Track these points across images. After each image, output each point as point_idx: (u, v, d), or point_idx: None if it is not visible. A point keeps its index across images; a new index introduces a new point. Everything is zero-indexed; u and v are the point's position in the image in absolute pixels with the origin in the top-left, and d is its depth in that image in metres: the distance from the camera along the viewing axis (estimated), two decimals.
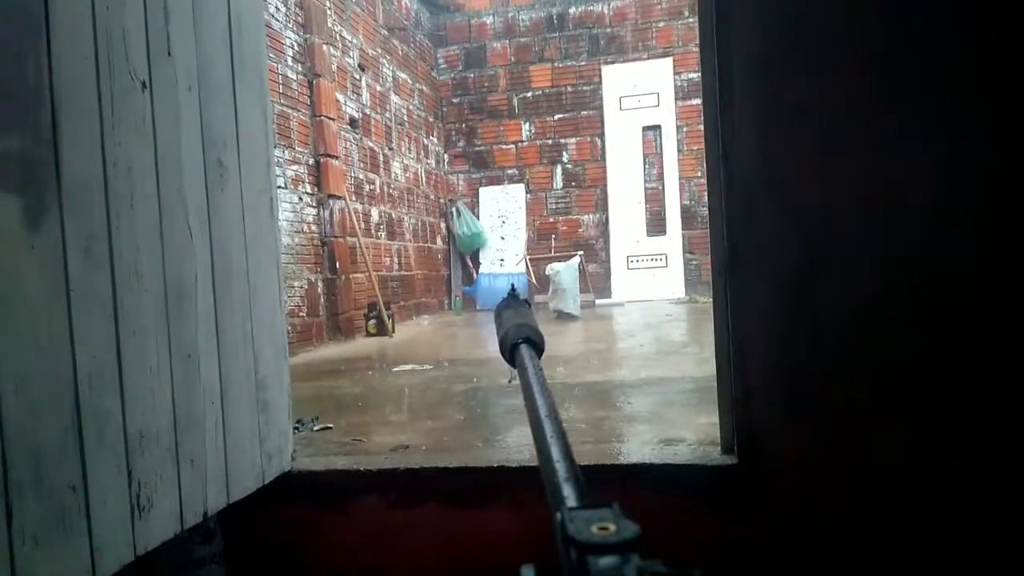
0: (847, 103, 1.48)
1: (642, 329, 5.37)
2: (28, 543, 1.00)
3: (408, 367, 3.92)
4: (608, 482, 1.59)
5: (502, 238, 8.65)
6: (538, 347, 0.85)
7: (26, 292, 1.03)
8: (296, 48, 5.14)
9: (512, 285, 1.06)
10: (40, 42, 1.08)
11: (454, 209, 8.55)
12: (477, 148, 8.79)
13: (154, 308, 1.29)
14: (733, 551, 1.53)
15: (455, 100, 8.78)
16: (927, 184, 1.43)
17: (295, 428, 2.05)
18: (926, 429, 1.42)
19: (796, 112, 1.51)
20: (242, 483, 1.54)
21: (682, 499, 1.59)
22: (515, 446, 1.95)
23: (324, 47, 5.44)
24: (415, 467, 1.71)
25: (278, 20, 4.90)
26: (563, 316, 6.27)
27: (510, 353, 0.85)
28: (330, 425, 2.38)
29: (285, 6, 5.04)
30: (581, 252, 8.14)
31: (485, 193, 8.77)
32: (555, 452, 0.55)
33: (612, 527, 0.39)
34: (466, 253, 8.60)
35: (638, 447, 1.79)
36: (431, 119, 8.36)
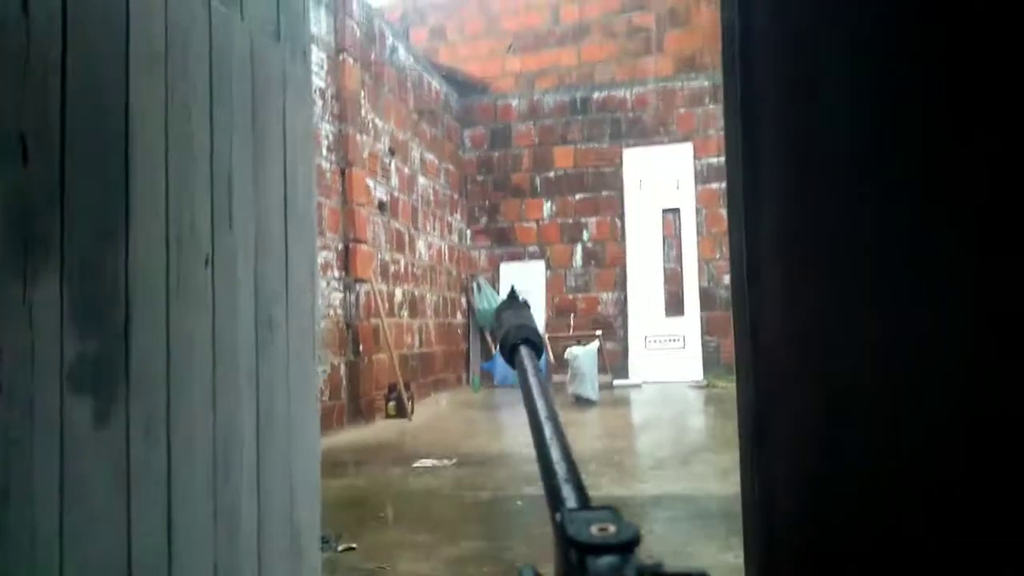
0: (858, 289, 1.53)
1: (661, 422, 5.36)
2: None
3: (428, 463, 3.93)
4: None
5: None
6: (537, 348, 0.88)
7: (91, 484, 1.08)
8: (331, 139, 5.31)
9: (512, 286, 1.08)
10: (120, 244, 1.15)
11: (475, 284, 8.65)
12: (499, 225, 8.94)
13: (203, 474, 1.34)
14: None
15: (479, 178, 8.98)
16: (935, 361, 1.47)
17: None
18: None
19: (812, 292, 1.56)
20: None
21: None
22: None
23: (357, 136, 5.61)
24: None
25: (315, 113, 5.09)
26: (581, 401, 6.27)
27: (509, 354, 0.88)
28: (353, 545, 2.40)
29: (322, 99, 5.23)
30: (600, 332, 8.17)
31: (506, 269, 8.88)
32: (555, 454, 0.54)
33: (612, 528, 0.39)
34: (486, 328, 8.66)
35: None
36: (455, 196, 8.53)
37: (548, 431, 0.59)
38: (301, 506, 1.68)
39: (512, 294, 1.03)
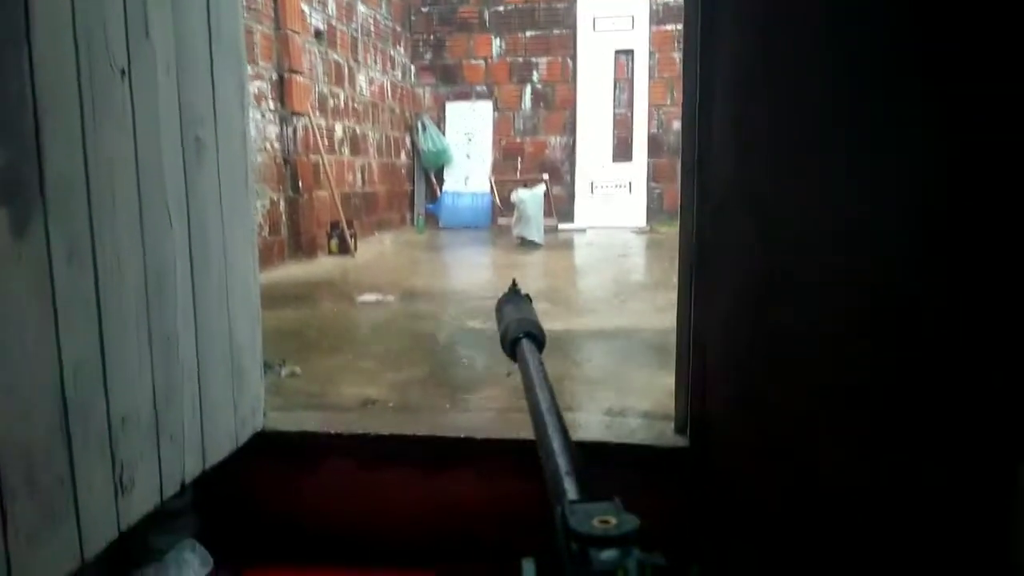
0: (812, 125, 1.53)
1: (603, 264, 5.48)
2: (22, 542, 1.06)
3: (372, 297, 3.96)
4: None
5: (468, 156, 8.56)
6: (539, 341, 0.87)
7: (13, 301, 1.05)
8: None
9: (514, 280, 1.09)
10: (21, 49, 1.05)
11: (420, 123, 8.41)
12: (445, 62, 8.57)
13: (135, 298, 1.32)
14: (680, 525, 1.66)
15: (424, 9, 8.48)
16: (882, 212, 1.50)
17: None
18: (861, 443, 1.54)
19: (769, 129, 1.56)
20: (217, 449, 1.61)
21: (634, 474, 1.70)
22: (479, 409, 2.04)
23: None
24: (384, 433, 1.79)
25: None
26: (526, 243, 6.33)
27: (511, 347, 0.87)
28: (297, 370, 2.45)
29: None
30: (546, 176, 8.13)
31: (452, 108, 8.61)
32: (556, 446, 0.56)
33: (613, 520, 0.40)
34: (430, 170, 8.52)
35: (595, 421, 1.89)
36: (398, 29, 8.08)
37: (550, 424, 0.61)
38: (240, 330, 1.69)
39: (513, 288, 1.00)
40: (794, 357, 1.59)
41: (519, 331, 0.87)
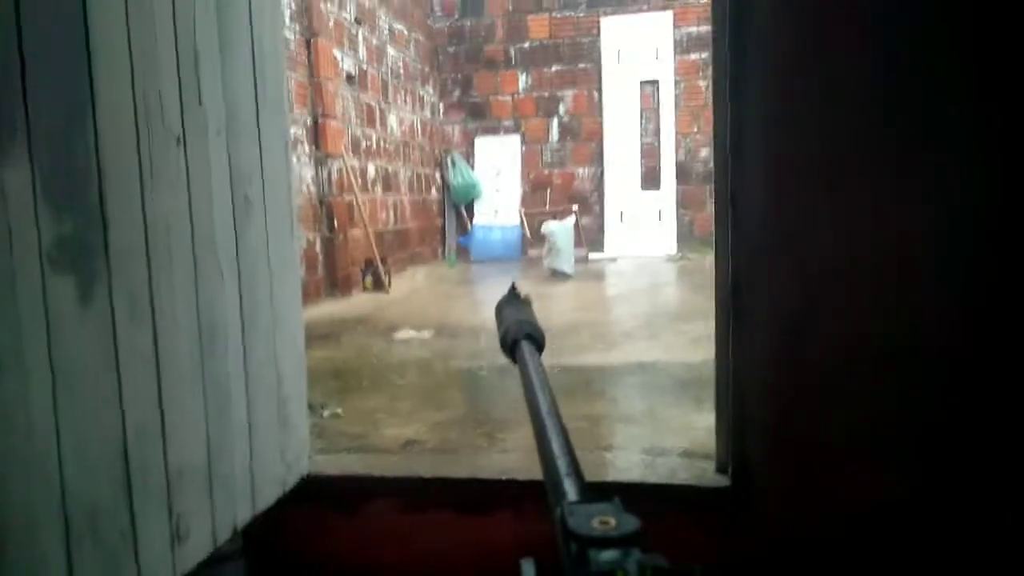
0: (843, 159, 1.55)
1: (635, 294, 5.49)
2: None
3: (407, 334, 4.02)
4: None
5: (497, 190, 8.66)
6: (539, 343, 0.87)
7: (82, 363, 1.11)
8: (293, 7, 5.05)
9: (513, 283, 1.11)
10: (87, 123, 1.12)
11: (449, 159, 8.53)
12: (473, 98, 8.72)
13: (190, 353, 1.37)
14: (723, 566, 1.66)
15: (451, 49, 8.66)
16: (915, 242, 1.52)
17: None
18: (903, 475, 1.54)
19: (801, 166, 1.58)
20: (266, 495, 1.65)
21: (677, 515, 1.71)
22: (517, 449, 2.07)
23: (321, 4, 5.35)
24: (425, 476, 1.82)
25: None
26: (557, 274, 6.37)
27: (511, 349, 0.87)
28: (339, 411, 2.50)
29: None
30: (576, 207, 8.18)
31: (481, 143, 8.74)
32: (556, 448, 0.56)
33: (613, 521, 0.39)
34: (460, 204, 8.62)
35: (635, 461, 1.90)
36: (427, 69, 8.25)
37: (549, 425, 0.61)
38: (287, 378, 1.74)
39: (512, 291, 1.03)
40: (831, 392, 1.59)
41: (519, 333, 0.87)
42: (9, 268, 0.99)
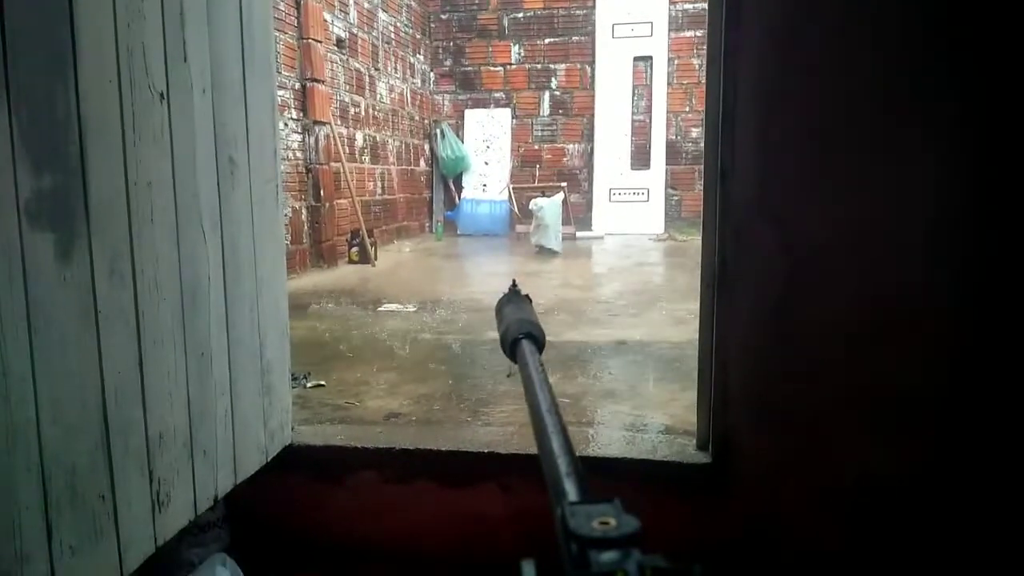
0: (834, 133, 1.54)
1: (621, 272, 5.48)
2: (66, 553, 1.09)
3: (393, 307, 4.00)
4: (586, 472, 1.71)
5: (486, 163, 8.60)
6: (539, 342, 0.87)
7: (60, 322, 1.08)
8: None
9: (514, 280, 1.10)
10: (68, 74, 1.09)
11: (438, 131, 8.45)
12: (464, 68, 8.62)
13: (171, 314, 1.35)
14: (704, 543, 1.67)
15: (443, 16, 8.54)
16: (909, 221, 1.51)
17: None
18: (886, 449, 1.55)
19: (791, 140, 1.57)
20: (248, 464, 1.64)
21: (657, 491, 1.72)
22: (501, 422, 2.06)
23: None
24: (409, 448, 1.81)
25: None
26: (544, 251, 6.35)
27: (511, 348, 0.87)
28: (322, 382, 2.48)
29: None
30: (565, 185, 8.14)
31: (471, 116, 8.66)
32: (556, 447, 0.56)
33: (613, 522, 0.39)
34: (449, 177, 8.56)
35: (616, 437, 1.90)
36: (418, 36, 8.14)
37: (550, 424, 0.60)
38: (270, 345, 1.72)
39: (513, 288, 1.01)
40: (814, 365, 1.60)
41: (519, 332, 0.87)
42: None
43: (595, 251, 6.93)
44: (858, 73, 1.52)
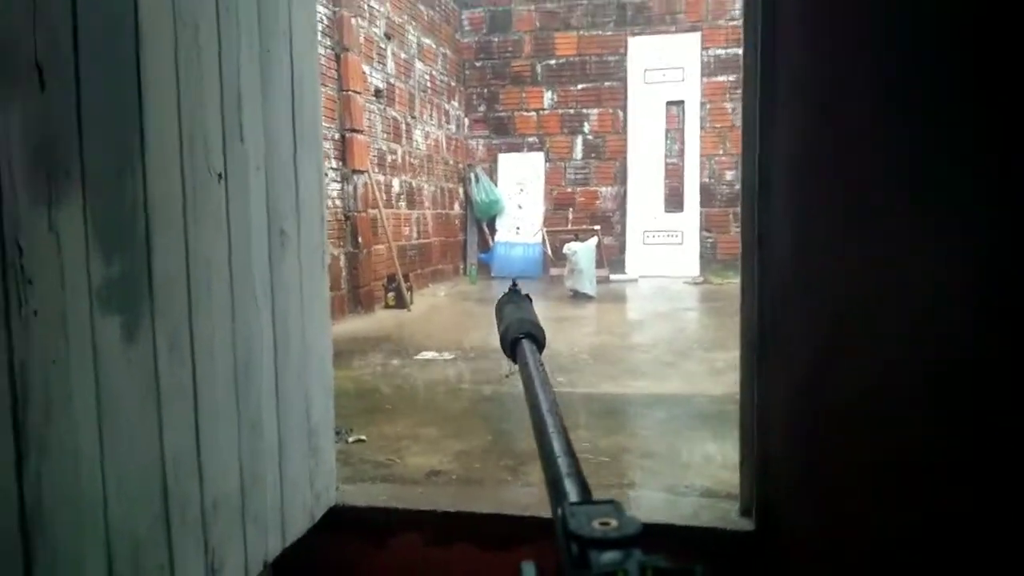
0: (872, 200, 1.55)
1: (656, 318, 5.47)
2: None
3: (430, 355, 4.04)
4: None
5: (519, 206, 8.68)
6: (539, 342, 0.87)
7: (125, 401, 1.13)
8: (325, 22, 5.12)
9: (513, 280, 1.11)
10: (136, 162, 1.15)
11: (472, 175, 8.58)
12: (498, 114, 8.77)
13: (226, 386, 1.40)
14: None
15: (478, 64, 8.72)
16: (942, 281, 1.51)
17: None
18: (930, 516, 1.53)
19: (829, 206, 1.58)
20: (296, 526, 1.67)
21: (699, 558, 1.71)
22: (540, 483, 2.07)
23: (352, 20, 5.41)
24: (450, 510, 1.83)
25: None
26: (579, 295, 6.37)
27: (511, 348, 0.87)
28: (363, 437, 2.51)
29: None
30: (598, 228, 8.18)
31: (504, 160, 8.77)
32: (556, 447, 0.55)
33: (614, 523, 0.39)
34: (483, 220, 8.66)
35: (658, 499, 1.90)
36: (453, 83, 8.31)
37: (550, 424, 0.60)
38: (316, 408, 1.76)
39: (513, 288, 1.03)
40: (856, 431, 1.59)
41: (519, 331, 0.87)
42: (61, 311, 1.01)
43: (629, 295, 6.92)
44: (897, 140, 1.54)
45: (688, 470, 2.13)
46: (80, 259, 1.06)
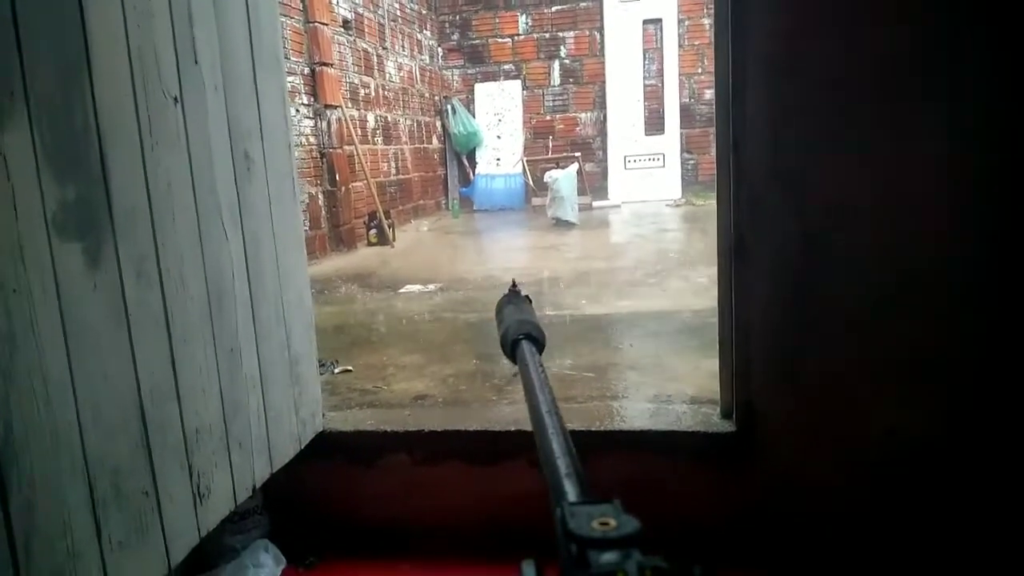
0: (848, 97, 1.53)
1: (639, 241, 5.47)
2: (115, 549, 1.13)
3: (414, 288, 4.03)
4: (613, 446, 1.74)
5: (498, 137, 8.57)
6: (539, 343, 0.87)
7: (94, 328, 1.11)
8: None
9: (513, 280, 1.11)
10: (85, 85, 1.10)
11: (449, 107, 8.42)
12: (472, 41, 8.56)
13: (199, 313, 1.38)
14: (729, 510, 1.69)
15: None
16: (921, 180, 1.50)
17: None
18: (912, 405, 1.56)
19: (804, 104, 1.56)
20: (283, 452, 1.68)
21: (683, 461, 1.74)
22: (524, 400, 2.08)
23: None
24: (437, 429, 1.84)
25: None
26: (561, 223, 6.34)
27: (511, 349, 0.87)
28: (350, 368, 2.51)
29: None
30: (579, 155, 8.09)
31: (481, 89, 8.61)
32: (556, 448, 0.56)
33: (613, 523, 0.39)
34: (462, 152, 8.54)
35: (643, 408, 1.92)
36: (424, 11, 8.08)
37: (550, 426, 0.60)
38: (296, 336, 1.75)
39: (513, 288, 1.01)
40: (833, 331, 1.60)
41: (519, 333, 0.87)
42: (15, 238, 0.98)
43: (613, 220, 6.90)
44: (876, 33, 1.50)
45: (672, 380, 2.15)
46: (32, 184, 1.02)
